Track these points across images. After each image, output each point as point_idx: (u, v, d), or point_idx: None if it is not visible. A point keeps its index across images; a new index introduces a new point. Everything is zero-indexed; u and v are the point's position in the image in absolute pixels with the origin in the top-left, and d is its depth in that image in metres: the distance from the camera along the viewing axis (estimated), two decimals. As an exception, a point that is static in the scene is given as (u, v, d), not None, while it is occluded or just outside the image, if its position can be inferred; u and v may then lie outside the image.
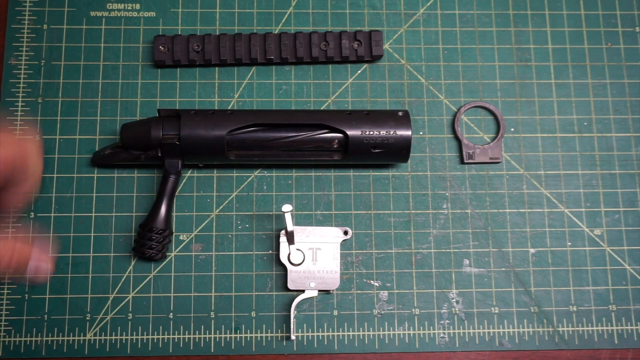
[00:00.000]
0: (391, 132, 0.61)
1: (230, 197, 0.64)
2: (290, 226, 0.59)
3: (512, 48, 0.68)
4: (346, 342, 0.62)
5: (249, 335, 0.62)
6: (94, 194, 0.64)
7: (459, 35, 0.69)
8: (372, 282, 0.63)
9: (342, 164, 0.65)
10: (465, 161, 0.66)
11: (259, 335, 0.62)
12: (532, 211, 0.65)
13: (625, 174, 0.66)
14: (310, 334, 0.62)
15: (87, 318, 0.62)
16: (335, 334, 0.62)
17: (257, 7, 0.68)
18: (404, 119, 0.61)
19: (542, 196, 0.65)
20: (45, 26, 0.67)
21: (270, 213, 0.64)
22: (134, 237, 0.63)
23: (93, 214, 0.63)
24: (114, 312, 0.62)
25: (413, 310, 0.63)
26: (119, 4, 0.68)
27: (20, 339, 0.61)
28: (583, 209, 0.65)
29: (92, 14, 0.68)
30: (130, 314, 0.62)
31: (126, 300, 0.62)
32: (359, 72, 0.67)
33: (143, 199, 0.64)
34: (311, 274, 0.62)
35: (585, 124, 0.67)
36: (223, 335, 0.62)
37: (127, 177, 0.64)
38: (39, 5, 0.67)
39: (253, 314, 0.62)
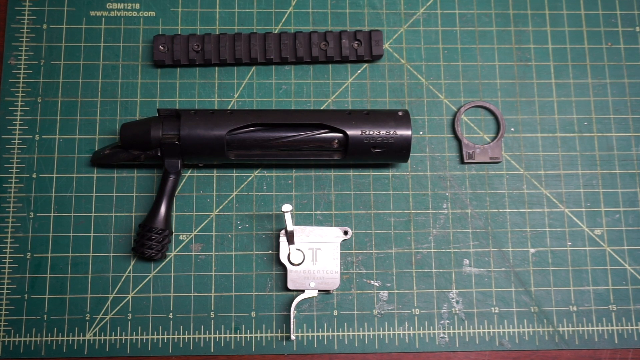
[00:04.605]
0: (391, 132, 0.61)
1: (230, 197, 0.64)
2: (290, 226, 0.59)
3: (512, 48, 0.68)
4: (346, 342, 0.62)
5: (249, 335, 0.62)
6: (94, 194, 0.64)
7: (459, 35, 0.68)
8: (372, 282, 0.63)
9: (342, 164, 0.65)
10: (465, 161, 0.66)
11: (259, 335, 0.62)
12: (532, 211, 0.65)
13: (625, 173, 0.66)
14: (310, 334, 0.62)
15: (87, 318, 0.62)
16: (335, 334, 0.62)
17: (257, 7, 0.68)
18: (404, 119, 0.61)
19: (542, 196, 0.65)
20: (44, 26, 0.67)
21: (270, 213, 0.64)
22: (134, 237, 0.63)
23: (93, 214, 0.63)
24: (113, 312, 0.62)
25: (413, 310, 0.63)
26: (119, 4, 0.68)
27: (19, 339, 0.61)
28: (583, 209, 0.65)
29: (92, 13, 0.67)
30: (129, 314, 0.62)
31: (126, 300, 0.62)
32: (359, 71, 0.67)
33: (143, 198, 0.64)
34: (311, 274, 0.62)
35: (586, 123, 0.67)
36: (223, 335, 0.62)
37: (126, 177, 0.64)
38: (39, 5, 0.67)
39: (253, 314, 0.62)
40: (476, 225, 0.65)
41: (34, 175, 0.64)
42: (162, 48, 0.66)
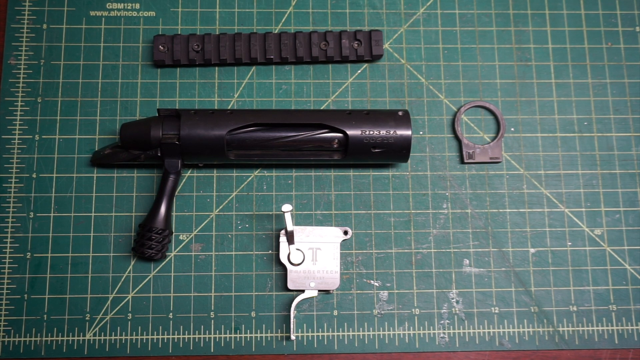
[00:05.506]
0: (391, 132, 0.61)
1: (230, 197, 0.64)
2: (290, 226, 0.59)
3: (512, 48, 0.68)
4: (346, 342, 0.62)
5: (249, 335, 0.62)
6: (94, 194, 0.64)
7: (459, 35, 0.68)
8: (372, 282, 0.63)
9: (342, 164, 0.65)
10: (465, 161, 0.66)
11: (259, 335, 0.62)
12: (532, 211, 0.65)
13: (625, 173, 0.66)
14: (310, 334, 0.62)
15: (87, 318, 0.62)
16: (335, 334, 0.62)
17: (257, 7, 0.68)
18: (404, 119, 0.61)
19: (542, 196, 0.65)
20: (44, 26, 0.67)
21: (270, 213, 0.64)
22: (134, 237, 0.63)
23: (93, 214, 0.63)
24: (113, 312, 0.62)
25: (413, 310, 0.63)
26: (119, 4, 0.68)
27: (19, 339, 0.61)
28: (583, 209, 0.65)
29: (92, 13, 0.67)
30: (129, 314, 0.62)
31: (126, 300, 0.62)
32: (359, 71, 0.67)
33: (143, 198, 0.64)
34: (311, 274, 0.62)
35: (586, 123, 0.67)
36: (223, 335, 0.62)
37: (126, 177, 0.64)
38: (39, 5, 0.67)
39: (253, 314, 0.62)
40: (476, 225, 0.65)
41: (34, 175, 0.64)
42: (162, 48, 0.66)
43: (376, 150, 0.61)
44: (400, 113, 0.62)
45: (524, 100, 0.67)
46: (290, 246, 0.62)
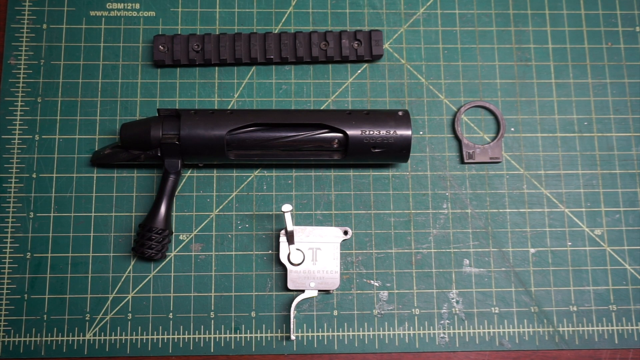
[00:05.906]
0: (391, 132, 0.61)
1: (230, 197, 0.64)
2: (290, 226, 0.59)
3: (512, 48, 0.68)
4: (346, 342, 0.62)
5: (248, 335, 0.62)
6: (94, 194, 0.64)
7: (459, 35, 0.68)
8: (372, 282, 0.63)
9: (342, 164, 0.65)
10: (465, 161, 0.66)
11: (258, 335, 0.62)
12: (532, 211, 0.65)
13: (625, 173, 0.66)
14: (310, 334, 0.62)
15: (87, 318, 0.62)
16: (335, 334, 0.62)
17: (257, 7, 0.68)
18: (404, 119, 0.61)
19: (542, 196, 0.65)
20: (44, 26, 0.67)
21: (270, 213, 0.64)
22: (134, 237, 0.63)
23: (93, 214, 0.63)
24: (113, 312, 0.62)
25: (413, 310, 0.63)
26: (119, 4, 0.68)
27: (19, 339, 0.61)
28: (583, 209, 0.65)
29: (92, 13, 0.67)
30: (129, 314, 0.62)
31: (126, 300, 0.62)
32: (359, 71, 0.67)
33: (143, 198, 0.64)
34: (311, 274, 0.62)
35: (586, 123, 0.67)
36: (223, 335, 0.62)
37: (126, 177, 0.64)
38: (39, 4, 0.67)
39: (253, 314, 0.62)
40: (476, 225, 0.65)
41: (34, 175, 0.64)
42: (162, 48, 0.66)
43: (376, 150, 0.61)
44: (400, 113, 0.62)
45: (524, 100, 0.67)
46: (290, 246, 0.62)
